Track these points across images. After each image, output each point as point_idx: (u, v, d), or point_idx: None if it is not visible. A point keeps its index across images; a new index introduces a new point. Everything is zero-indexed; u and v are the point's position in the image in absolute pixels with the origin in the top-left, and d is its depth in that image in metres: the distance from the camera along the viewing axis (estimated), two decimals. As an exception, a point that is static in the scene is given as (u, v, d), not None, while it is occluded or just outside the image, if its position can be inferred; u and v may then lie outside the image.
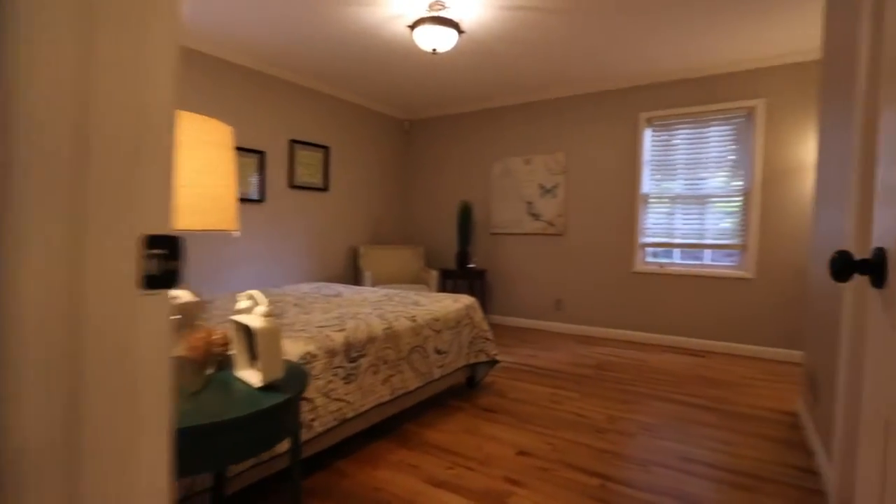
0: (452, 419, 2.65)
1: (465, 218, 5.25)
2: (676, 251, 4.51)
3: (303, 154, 4.83)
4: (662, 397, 3.04)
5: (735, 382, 3.36)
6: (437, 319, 2.70)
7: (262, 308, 1.32)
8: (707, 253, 4.38)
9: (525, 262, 5.25)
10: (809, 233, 3.81)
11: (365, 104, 5.51)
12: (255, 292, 1.40)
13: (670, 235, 4.50)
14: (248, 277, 4.32)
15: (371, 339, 2.23)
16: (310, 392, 1.90)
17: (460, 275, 5.18)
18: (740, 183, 4.19)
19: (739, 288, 4.15)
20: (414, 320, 2.55)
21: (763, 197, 4.06)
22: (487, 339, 3.08)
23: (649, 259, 4.63)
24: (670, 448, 2.30)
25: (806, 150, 3.89)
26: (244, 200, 4.28)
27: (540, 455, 2.21)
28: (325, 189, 5.07)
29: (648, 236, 4.61)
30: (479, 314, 3.10)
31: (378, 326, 2.32)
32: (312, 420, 1.89)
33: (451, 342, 2.80)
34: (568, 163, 4.98)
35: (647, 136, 4.59)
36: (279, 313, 2.51)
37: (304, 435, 1.86)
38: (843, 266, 0.80)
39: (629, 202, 4.64)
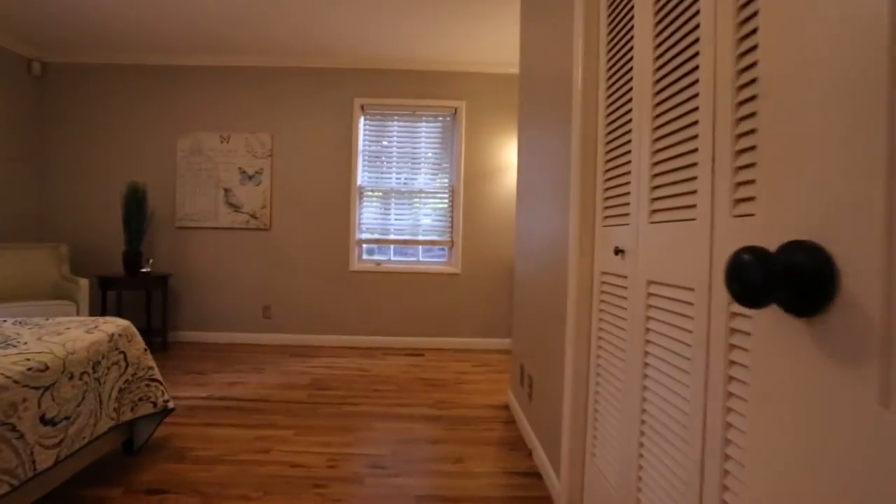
0: (81, 527, 1.63)
1: (136, 206, 3.89)
2: (392, 248, 4.35)
3: None
4: (387, 414, 2.69)
5: (452, 381, 3.32)
6: (43, 369, 1.61)
7: None
8: (420, 249, 4.35)
9: (224, 263, 4.25)
10: (513, 230, 4.17)
11: (-59, 20, 3.45)
12: None
13: (386, 231, 4.30)
14: None
15: None
16: None
17: (130, 283, 3.81)
18: (447, 180, 4.29)
19: (448, 283, 4.26)
20: (-16, 379, 1.42)
21: (466, 195, 4.24)
22: (153, 381, 2.11)
23: (366, 257, 4.34)
24: (404, 487, 1.91)
25: (502, 153, 4.23)
26: None
27: (230, 557, 1.49)
28: None
29: (365, 232, 4.30)
30: (137, 345, 2.09)
31: None
32: None
33: (78, 399, 1.74)
34: (274, 145, 4.22)
35: (362, 125, 4.27)
36: None
37: None
38: (766, 279, 0.42)
39: (344, 195, 4.23)
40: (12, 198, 4.05)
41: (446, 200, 4.29)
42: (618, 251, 1.42)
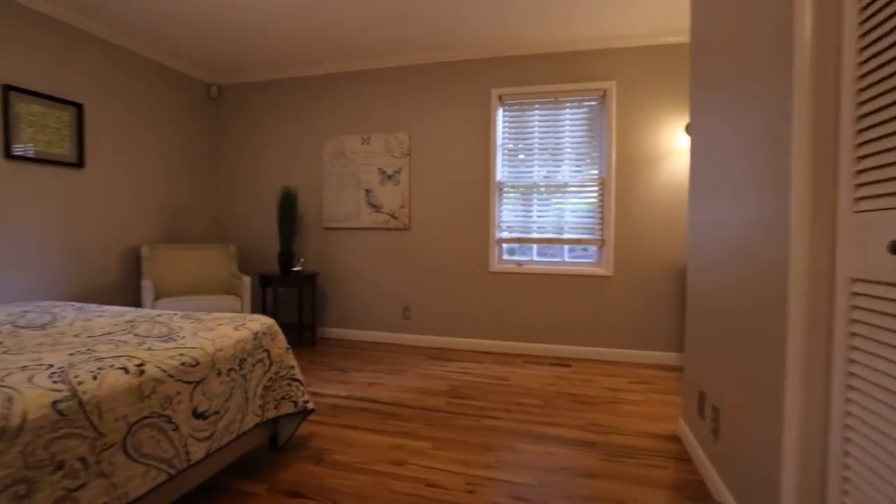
0: (226, 525, 1.62)
1: (289, 208, 4.15)
2: (534, 248, 4.02)
3: (32, 110, 3.24)
4: (531, 433, 2.38)
5: (605, 398, 2.89)
6: (194, 364, 1.63)
7: None
8: (565, 249, 3.95)
9: (365, 263, 4.34)
10: (682, 226, 3.57)
11: (145, 53, 4.04)
12: None
13: (527, 230, 3.99)
14: None
15: (6, 432, 1.10)
16: None
17: (284, 281, 4.07)
18: (595, 172, 3.83)
19: (598, 286, 3.79)
20: (141, 371, 1.46)
21: (619, 187, 3.74)
22: (294, 380, 2.10)
23: (506, 257, 4.08)
24: (554, 532, 1.59)
25: (662, 137, 3.65)
26: None
27: (360, 592, 1.32)
28: (79, 164, 3.53)
29: (505, 231, 4.05)
30: (280, 343, 2.09)
31: (36, 400, 1.19)
32: None
33: (226, 395, 1.75)
34: (412, 144, 4.19)
35: (500, 117, 4.03)
36: None
37: None
38: None
39: (483, 192, 4.03)
40: (196, 205, 4.63)
41: (595, 194, 3.83)
42: (896, 246, 0.93)
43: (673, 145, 3.59)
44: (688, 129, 3.30)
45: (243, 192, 4.72)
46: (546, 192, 3.93)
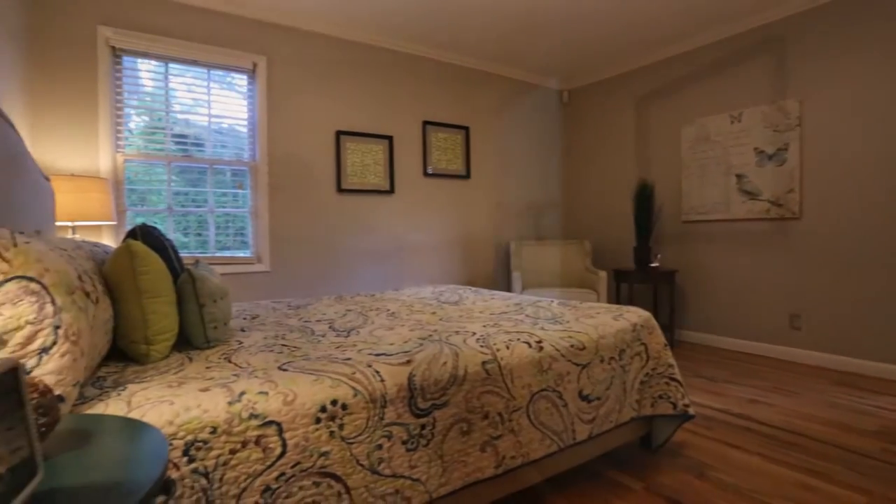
0: (610, 513, 1.62)
1: (645, 203, 3.98)
2: None
3: (438, 137, 4.19)
4: None
5: None
6: (581, 347, 1.69)
7: None
8: None
9: (736, 260, 3.73)
10: None
11: (510, 75, 4.65)
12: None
13: None
14: (371, 278, 3.84)
15: (456, 379, 1.37)
16: (339, 465, 1.13)
17: (639, 277, 3.93)
18: None
19: None
20: (540, 347, 1.60)
21: None
22: (672, 380, 1.93)
23: (977, 252, 2.75)
24: None
25: None
26: (369, 192, 3.81)
27: None
28: (466, 176, 4.36)
29: (974, 214, 2.74)
30: (657, 338, 1.96)
31: (472, 358, 1.44)
32: (337, 519, 1.11)
33: (607, 383, 1.75)
34: (803, 112, 3.34)
35: (967, 48, 2.75)
36: (348, 329, 1.82)
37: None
38: None
39: (929, 160, 2.84)
40: (552, 204, 5.03)
41: None
42: None
43: None
44: None
45: (594, 189, 4.84)
46: None
